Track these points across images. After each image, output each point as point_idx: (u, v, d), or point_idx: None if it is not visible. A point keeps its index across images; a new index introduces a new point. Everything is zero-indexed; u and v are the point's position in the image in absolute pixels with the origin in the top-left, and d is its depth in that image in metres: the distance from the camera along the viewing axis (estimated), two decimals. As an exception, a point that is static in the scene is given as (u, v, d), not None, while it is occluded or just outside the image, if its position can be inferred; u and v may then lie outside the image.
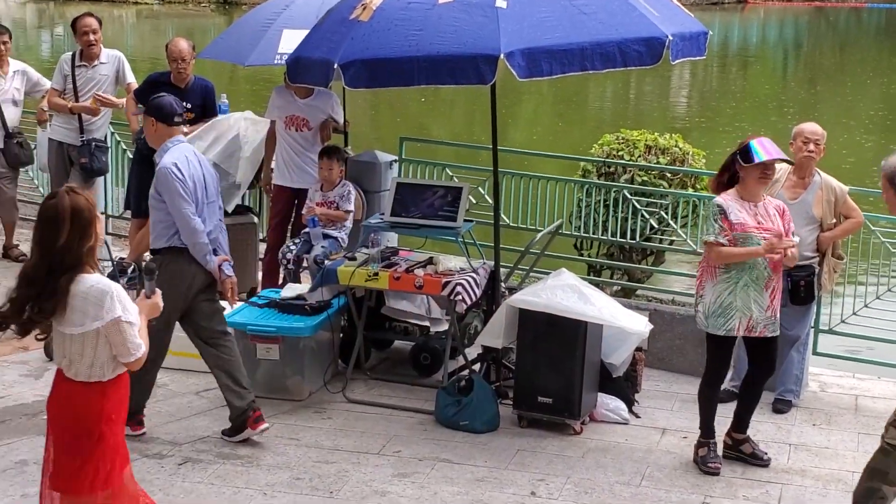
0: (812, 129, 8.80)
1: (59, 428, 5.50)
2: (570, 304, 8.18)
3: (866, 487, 6.45)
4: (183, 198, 7.83)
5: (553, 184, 10.80)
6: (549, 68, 7.90)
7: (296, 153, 10.59)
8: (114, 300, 5.29)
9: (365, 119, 24.70)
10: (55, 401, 5.53)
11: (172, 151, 7.94)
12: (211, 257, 7.91)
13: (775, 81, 38.89)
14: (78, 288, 5.29)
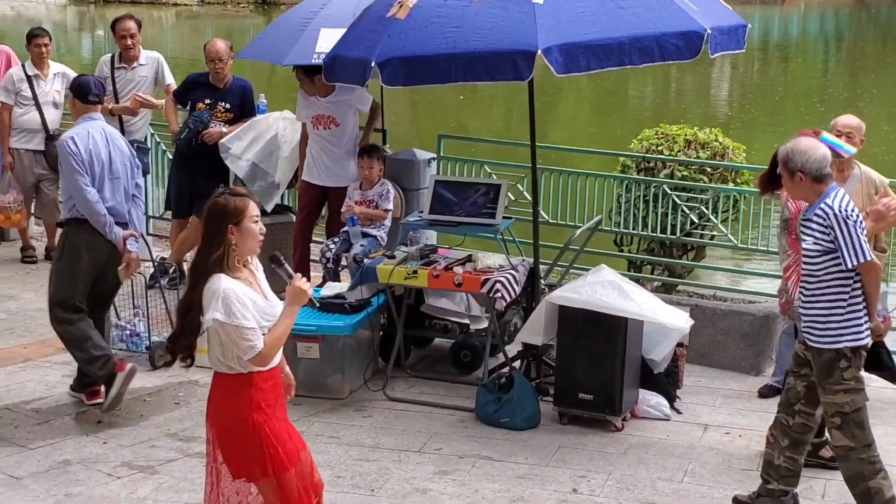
0: (845, 122, 8.72)
1: (212, 418, 5.58)
2: (611, 301, 8.15)
3: (858, 493, 6.81)
4: (75, 169, 8.24)
5: (592, 180, 10.78)
6: (587, 63, 7.88)
7: (324, 151, 10.61)
8: (218, 301, 5.32)
9: (403, 117, 24.71)
10: (210, 393, 5.62)
11: (77, 127, 8.44)
12: (112, 229, 8.32)
13: (816, 75, 38.63)
14: (207, 286, 5.41)
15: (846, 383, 6.69)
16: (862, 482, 6.78)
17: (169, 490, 7.23)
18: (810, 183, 6.67)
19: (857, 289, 6.64)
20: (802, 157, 6.67)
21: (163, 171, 12.86)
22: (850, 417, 6.73)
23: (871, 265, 6.57)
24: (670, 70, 32.19)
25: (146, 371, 9.25)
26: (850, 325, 6.64)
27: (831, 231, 6.56)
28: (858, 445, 6.75)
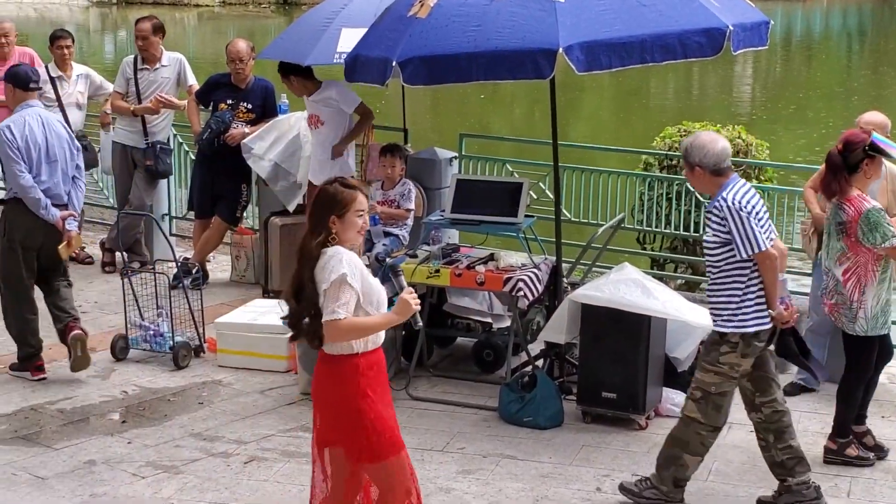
0: (868, 120, 8.69)
1: (319, 403, 5.72)
2: (634, 299, 8.13)
3: (668, 454, 7.07)
4: (10, 157, 8.89)
5: (615, 178, 10.77)
6: (609, 61, 7.87)
7: (315, 149, 10.70)
8: (340, 262, 5.53)
9: (425, 116, 24.71)
10: (316, 376, 5.74)
11: (14, 115, 9.03)
12: (49, 210, 8.94)
13: (840, 71, 38.48)
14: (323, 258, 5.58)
15: (720, 366, 6.91)
16: (680, 449, 7.07)
17: (193, 490, 7.25)
18: (709, 177, 6.85)
19: (753, 279, 6.82)
20: (700, 151, 6.83)
21: (185, 172, 12.89)
22: (712, 398, 6.96)
23: (765, 255, 6.74)
24: (692, 68, 32.10)
25: (170, 371, 9.28)
26: (740, 312, 6.83)
27: (726, 223, 6.74)
28: (706, 423, 7.00)
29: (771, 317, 6.86)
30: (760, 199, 6.95)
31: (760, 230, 6.74)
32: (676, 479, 7.06)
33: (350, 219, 5.56)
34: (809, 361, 7.39)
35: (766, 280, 6.82)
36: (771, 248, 6.79)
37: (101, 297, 11.14)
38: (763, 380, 7.08)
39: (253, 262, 11.71)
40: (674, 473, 7.06)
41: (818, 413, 8.67)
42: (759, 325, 6.85)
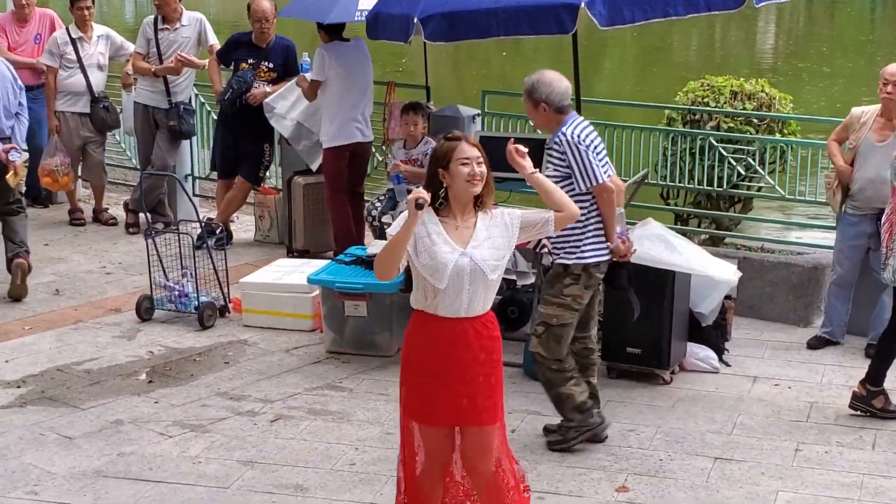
0: (892, 71, 8.63)
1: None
2: (658, 254, 8.12)
3: (552, 398, 7.28)
4: None
5: (638, 133, 10.71)
6: (632, 15, 7.84)
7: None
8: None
9: (447, 73, 24.65)
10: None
11: None
12: None
13: (864, 23, 38.20)
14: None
15: (563, 298, 7.07)
16: (553, 388, 7.24)
17: (220, 448, 7.28)
18: (553, 113, 7.03)
19: (593, 212, 7.00)
20: (547, 88, 7.00)
21: (208, 132, 12.89)
22: (553, 330, 7.11)
23: (602, 188, 6.93)
24: (715, 22, 31.93)
25: (195, 331, 9.31)
26: (582, 244, 7.01)
27: (566, 157, 6.92)
28: (550, 357, 7.16)
29: (609, 249, 7.06)
30: (598, 135, 7.14)
31: (599, 164, 6.93)
32: (575, 407, 7.22)
33: (455, 169, 5.45)
34: (631, 297, 7.61)
35: (604, 213, 7.01)
36: (608, 181, 6.97)
37: (126, 259, 11.18)
38: (585, 315, 7.30)
39: (276, 222, 11.73)
40: (570, 405, 7.22)
41: (842, 366, 8.66)
42: (599, 257, 7.06)
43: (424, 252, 5.45)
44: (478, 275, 5.45)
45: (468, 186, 5.45)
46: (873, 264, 8.86)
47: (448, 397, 5.56)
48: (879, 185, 8.56)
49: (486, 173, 5.48)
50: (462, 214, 5.53)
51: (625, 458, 7.19)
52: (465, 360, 5.53)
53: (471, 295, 5.48)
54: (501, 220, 5.55)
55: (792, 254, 9.94)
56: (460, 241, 5.47)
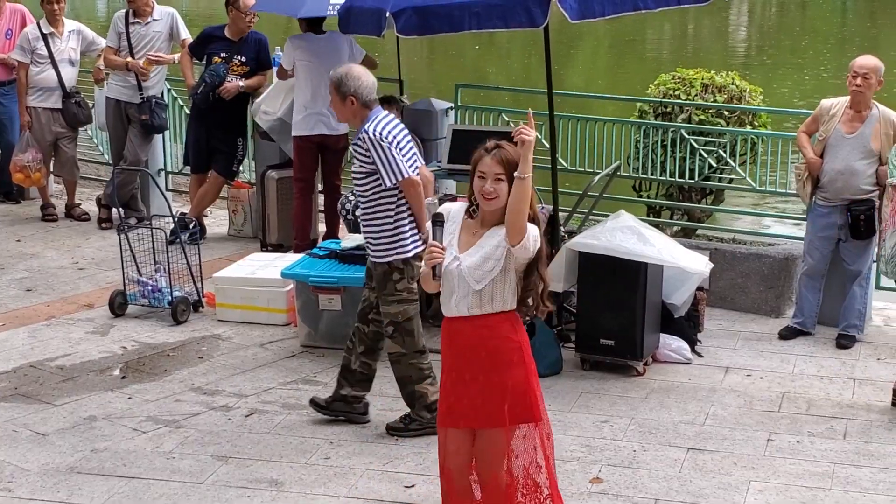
0: (860, 63, 8.71)
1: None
2: (630, 246, 8.15)
3: (406, 394, 7.39)
4: None
5: (610, 126, 10.74)
6: (602, 9, 7.86)
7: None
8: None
9: (420, 67, 24.65)
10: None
11: None
12: None
13: (835, 16, 38.36)
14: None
15: (399, 294, 7.19)
16: (410, 384, 7.35)
17: (194, 443, 7.28)
18: (359, 108, 7.13)
19: (402, 206, 7.11)
20: (356, 82, 7.10)
21: (180, 127, 12.86)
22: (402, 326, 7.24)
23: (409, 182, 7.04)
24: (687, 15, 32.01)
25: (169, 326, 9.30)
26: (397, 240, 7.12)
27: (370, 154, 7.00)
28: (409, 351, 7.29)
29: (423, 239, 7.14)
30: (403, 130, 7.22)
31: (403, 159, 7.02)
32: (427, 406, 7.29)
33: (474, 178, 5.43)
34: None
35: (414, 206, 7.14)
36: (415, 175, 7.08)
37: (98, 254, 11.15)
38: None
39: (250, 216, 11.71)
40: (421, 403, 7.32)
41: (813, 356, 8.72)
42: (417, 248, 7.16)
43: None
44: (463, 282, 5.43)
45: (480, 200, 5.42)
46: (843, 255, 8.92)
47: (456, 396, 5.57)
48: (849, 177, 8.63)
49: (505, 190, 5.34)
50: (489, 224, 5.47)
51: (598, 449, 7.22)
52: (463, 358, 5.54)
53: (459, 299, 5.47)
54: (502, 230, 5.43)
55: (763, 245, 9.98)
56: (465, 246, 5.47)
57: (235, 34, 11.24)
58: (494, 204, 5.38)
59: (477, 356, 5.51)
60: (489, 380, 5.51)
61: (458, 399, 5.57)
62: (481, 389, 5.52)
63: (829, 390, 8.12)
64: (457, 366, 5.56)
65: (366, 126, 7.04)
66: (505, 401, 5.51)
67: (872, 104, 8.79)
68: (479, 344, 5.50)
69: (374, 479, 6.83)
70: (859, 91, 8.66)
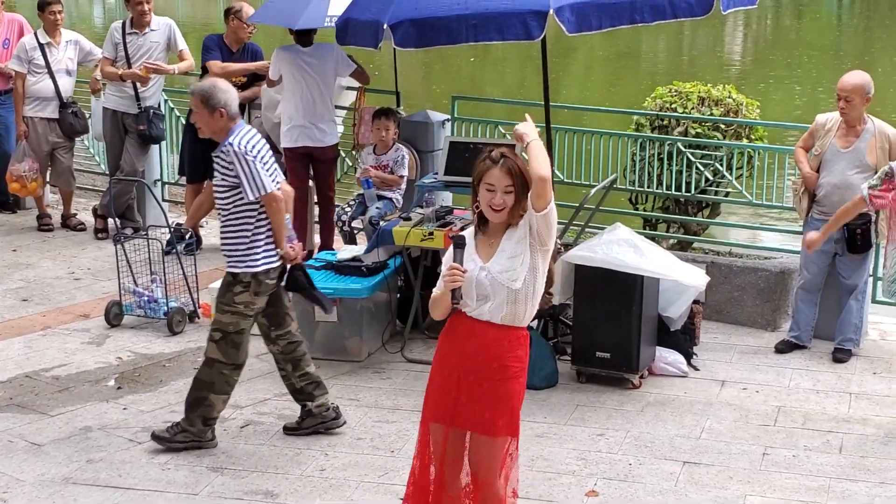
0: (841, 86, 8.73)
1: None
2: (626, 259, 8.16)
3: (195, 397, 7.31)
4: None
5: (606, 138, 10.75)
6: (599, 22, 7.86)
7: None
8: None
9: (417, 79, 24.66)
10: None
11: None
12: None
13: (830, 29, 38.42)
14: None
15: (236, 306, 7.20)
16: (205, 390, 7.31)
17: (189, 454, 7.27)
18: (226, 120, 7.12)
19: (262, 220, 7.14)
20: (225, 95, 7.12)
21: (177, 138, 12.85)
22: (231, 337, 7.25)
23: (270, 197, 7.06)
24: (683, 27, 32.05)
25: (164, 337, 9.30)
26: (250, 253, 7.14)
27: (233, 167, 7.02)
28: (228, 362, 7.30)
29: (280, 255, 7.20)
30: (266, 145, 7.24)
31: (266, 173, 7.05)
32: (205, 418, 7.33)
33: (481, 192, 5.39)
34: (317, 294, 7.71)
35: (274, 221, 7.15)
36: (277, 190, 7.10)
37: (94, 264, 11.15)
38: (277, 315, 7.44)
39: (245, 228, 11.68)
40: (202, 413, 7.31)
41: (809, 370, 8.72)
42: (269, 264, 7.19)
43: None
44: (497, 286, 5.41)
45: (488, 212, 5.41)
46: (840, 269, 8.93)
47: (449, 394, 5.55)
48: (845, 191, 8.65)
49: (512, 202, 5.35)
50: (499, 232, 5.47)
51: (594, 462, 7.22)
52: (471, 359, 5.51)
53: (495, 306, 5.44)
54: (520, 227, 5.44)
55: (759, 258, 9.99)
56: (486, 256, 5.45)
57: (234, 44, 11.25)
58: (503, 215, 5.39)
59: (489, 366, 5.50)
60: (494, 388, 5.52)
61: (457, 398, 5.53)
62: (485, 396, 5.51)
63: (826, 404, 8.12)
64: (461, 366, 5.52)
65: (230, 139, 7.07)
66: (506, 411, 5.54)
67: (867, 118, 8.81)
68: (494, 357, 5.50)
69: (369, 491, 6.83)
70: (844, 112, 8.72)
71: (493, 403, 5.52)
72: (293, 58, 10.47)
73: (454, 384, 5.55)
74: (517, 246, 5.43)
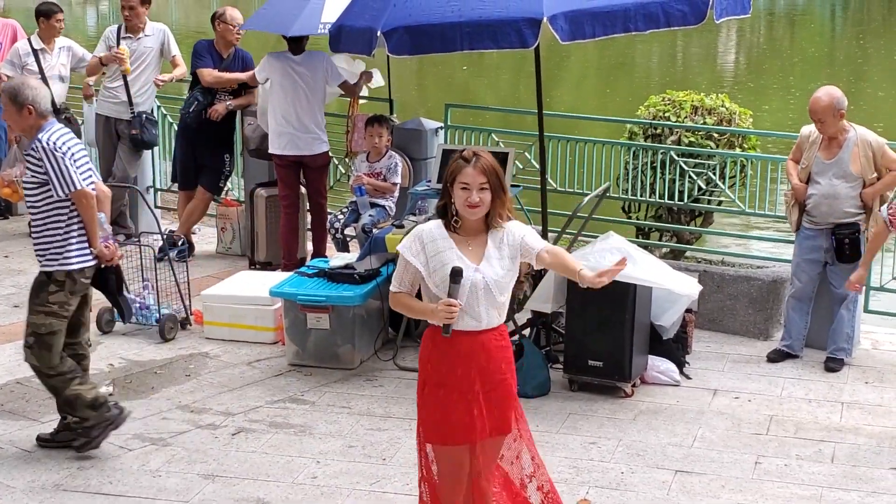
0: (812, 108, 8.76)
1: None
2: (619, 267, 8.14)
3: (61, 403, 7.35)
4: None
5: (599, 147, 10.75)
6: (592, 31, 7.86)
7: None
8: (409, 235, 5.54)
9: (410, 86, 24.67)
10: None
11: None
12: None
13: (823, 39, 38.48)
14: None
15: (50, 306, 7.18)
16: (60, 393, 7.30)
17: (181, 461, 7.26)
18: (36, 118, 7.16)
19: (74, 218, 7.15)
20: (33, 92, 7.15)
21: (170, 144, 12.84)
22: (43, 339, 7.21)
23: (80, 194, 7.08)
24: (677, 36, 32.08)
25: (156, 344, 9.28)
26: (63, 251, 7.14)
27: (43, 164, 7.05)
28: (43, 367, 7.26)
29: (94, 254, 7.20)
30: (79, 143, 7.28)
31: (77, 171, 7.07)
32: (89, 405, 7.28)
33: (455, 191, 5.38)
34: (121, 300, 7.77)
35: (85, 218, 7.15)
36: (89, 188, 7.12)
37: (87, 270, 11.11)
38: (76, 322, 7.40)
39: (239, 234, 11.71)
40: (82, 404, 7.27)
41: (801, 380, 8.72)
42: (83, 263, 7.19)
43: (437, 272, 5.40)
44: (489, 292, 5.41)
45: (464, 211, 5.39)
46: (830, 278, 8.94)
47: (465, 411, 5.51)
48: (832, 201, 8.70)
49: (489, 199, 5.36)
50: (474, 232, 5.46)
51: (586, 470, 7.21)
52: (482, 371, 5.50)
53: (485, 309, 5.44)
54: (512, 240, 5.45)
55: (752, 267, 9.99)
56: (473, 258, 5.42)
57: (224, 48, 11.26)
58: (479, 212, 5.39)
59: (499, 367, 5.52)
60: (499, 390, 5.55)
61: (479, 413, 5.51)
62: (497, 398, 5.53)
63: (818, 413, 8.13)
64: (468, 380, 5.49)
65: (40, 136, 7.10)
66: (512, 406, 5.62)
67: (849, 126, 8.82)
68: (499, 354, 5.53)
69: (361, 499, 6.82)
70: (821, 130, 8.77)
71: (504, 403, 5.57)
72: (282, 65, 10.46)
73: (471, 401, 5.50)
74: (511, 263, 5.45)
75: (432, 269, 5.41)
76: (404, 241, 5.48)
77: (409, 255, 5.44)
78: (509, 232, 5.47)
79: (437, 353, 5.53)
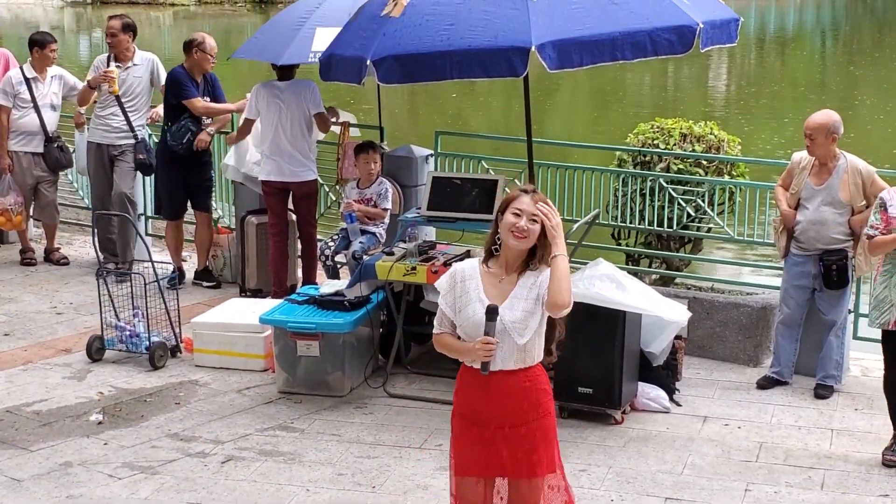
0: (806, 124, 8.81)
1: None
2: (609, 294, 8.17)
3: None
4: None
5: (589, 174, 10.79)
6: (580, 59, 7.91)
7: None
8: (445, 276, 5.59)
9: (401, 114, 24.72)
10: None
11: None
12: None
13: (814, 65, 38.63)
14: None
15: None
16: None
17: (170, 490, 7.25)
18: None
19: None
20: None
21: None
22: None
23: None
24: (667, 64, 32.17)
25: (146, 371, 9.28)
26: None
27: None
28: None
29: None
30: None
31: None
32: None
33: (506, 216, 5.37)
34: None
35: None
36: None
37: (77, 299, 11.13)
38: None
39: (229, 262, 11.71)
40: None
41: (791, 406, 8.73)
42: None
43: (462, 311, 5.42)
44: (506, 336, 5.38)
45: (509, 237, 5.37)
46: (819, 305, 8.96)
47: (480, 446, 5.53)
48: (820, 227, 8.73)
49: (537, 232, 5.34)
50: (510, 267, 5.45)
51: (577, 498, 7.16)
52: (503, 410, 5.48)
53: (506, 353, 5.41)
54: (543, 282, 5.40)
55: (741, 294, 10.01)
56: (497, 297, 5.40)
57: (198, 74, 11.33)
58: (524, 243, 5.37)
59: (520, 408, 5.50)
60: (531, 430, 5.52)
61: (496, 450, 5.52)
62: (525, 439, 5.52)
63: (807, 440, 8.13)
64: (492, 421, 5.50)
65: None
66: (547, 449, 5.60)
67: (840, 154, 8.85)
68: (524, 396, 5.49)
69: (350, 528, 6.81)
70: (809, 149, 8.80)
71: (534, 446, 5.54)
72: (268, 92, 10.51)
73: (489, 438, 5.52)
74: (536, 305, 5.41)
75: (457, 310, 5.44)
76: (439, 281, 5.51)
77: (441, 295, 5.52)
78: (545, 276, 5.42)
79: (461, 385, 5.60)
